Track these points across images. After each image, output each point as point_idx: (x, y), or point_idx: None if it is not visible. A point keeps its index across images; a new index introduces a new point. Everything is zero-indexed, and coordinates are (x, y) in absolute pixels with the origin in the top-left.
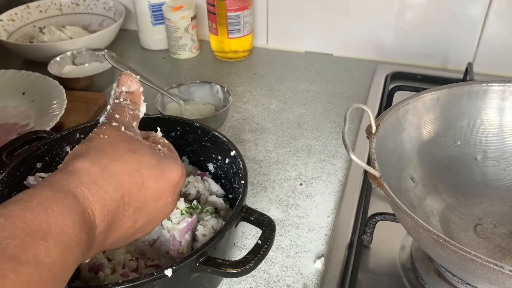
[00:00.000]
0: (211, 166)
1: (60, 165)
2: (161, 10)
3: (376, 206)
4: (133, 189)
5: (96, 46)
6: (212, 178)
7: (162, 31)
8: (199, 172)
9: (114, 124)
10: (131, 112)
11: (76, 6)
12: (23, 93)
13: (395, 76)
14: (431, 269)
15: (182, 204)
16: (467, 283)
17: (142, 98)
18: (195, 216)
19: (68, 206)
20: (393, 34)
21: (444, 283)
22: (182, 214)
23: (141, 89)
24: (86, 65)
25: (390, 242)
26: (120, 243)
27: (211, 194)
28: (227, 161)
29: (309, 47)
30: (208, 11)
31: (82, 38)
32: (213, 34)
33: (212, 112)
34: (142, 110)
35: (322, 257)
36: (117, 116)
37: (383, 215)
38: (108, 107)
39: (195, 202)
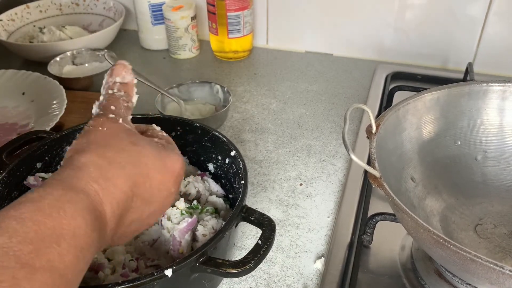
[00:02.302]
0: (211, 166)
1: (63, 161)
2: (161, 10)
3: (376, 206)
4: (139, 180)
5: (96, 46)
6: (212, 178)
7: (162, 31)
8: (199, 172)
9: (111, 116)
10: (126, 104)
11: (76, 6)
12: (23, 93)
13: (395, 76)
14: (431, 269)
15: (182, 204)
16: (467, 283)
17: (135, 89)
18: (195, 216)
19: (80, 207)
20: (393, 34)
21: (444, 283)
22: (182, 214)
23: (135, 81)
24: (86, 65)
25: (390, 242)
26: (126, 238)
27: (211, 194)
28: (227, 161)
29: (309, 47)
30: (208, 11)
31: (82, 38)
32: (213, 34)
33: (212, 112)
34: (134, 102)
35: (322, 257)
36: (112, 107)
37: (383, 215)
38: (101, 98)
39: (195, 202)
